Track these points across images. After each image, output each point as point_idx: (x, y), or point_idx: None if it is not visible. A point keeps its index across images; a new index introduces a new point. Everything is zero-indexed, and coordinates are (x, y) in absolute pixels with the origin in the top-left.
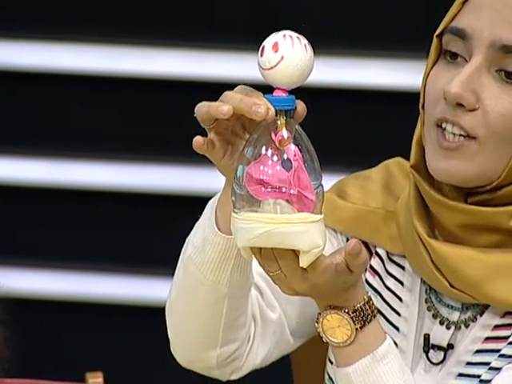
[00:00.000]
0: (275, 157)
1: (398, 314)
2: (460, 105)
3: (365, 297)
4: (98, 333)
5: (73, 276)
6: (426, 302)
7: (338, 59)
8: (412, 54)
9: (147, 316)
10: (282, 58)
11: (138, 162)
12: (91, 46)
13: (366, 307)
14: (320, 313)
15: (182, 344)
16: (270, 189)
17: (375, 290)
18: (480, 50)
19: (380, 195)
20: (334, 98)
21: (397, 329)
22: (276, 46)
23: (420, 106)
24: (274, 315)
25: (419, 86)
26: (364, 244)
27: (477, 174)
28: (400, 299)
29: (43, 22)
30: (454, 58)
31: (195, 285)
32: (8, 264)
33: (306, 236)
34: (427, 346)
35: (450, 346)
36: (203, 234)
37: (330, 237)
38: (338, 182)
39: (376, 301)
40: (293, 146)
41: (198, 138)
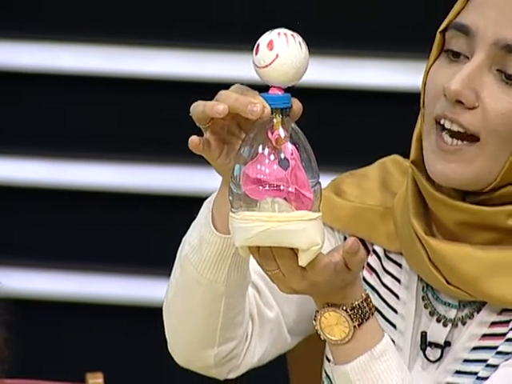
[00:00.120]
0: (272, 155)
1: (395, 311)
2: (459, 102)
3: (363, 294)
4: (98, 333)
5: (73, 276)
6: (423, 300)
7: (334, 59)
8: (409, 54)
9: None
10: (277, 56)
11: (136, 163)
12: (90, 47)
13: (363, 305)
14: (318, 310)
15: (179, 343)
16: (267, 187)
17: (372, 288)
18: (483, 48)
19: (377, 192)
20: (330, 98)
21: (394, 326)
22: (271, 44)
23: (421, 102)
24: (271, 314)
25: (416, 86)
26: (361, 241)
27: (476, 176)
28: (397, 296)
29: (42, 23)
30: (456, 56)
31: (192, 284)
32: (7, 264)
33: (305, 234)
34: (424, 343)
35: (447, 344)
36: (200, 234)
37: (328, 235)
38: (333, 181)
39: (373, 298)
40: (289, 145)
41: (194, 138)
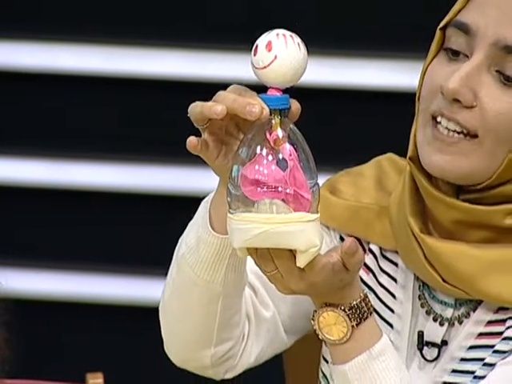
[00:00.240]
0: (270, 156)
1: (392, 310)
2: (457, 101)
3: (361, 294)
4: (98, 333)
5: (73, 276)
6: (420, 299)
7: (333, 59)
8: (407, 54)
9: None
10: (276, 58)
11: (136, 163)
12: (91, 47)
13: (362, 304)
14: (316, 310)
15: (176, 343)
16: (265, 188)
17: (369, 287)
18: (482, 48)
19: (373, 191)
20: (329, 98)
21: (391, 326)
22: (269, 45)
23: (416, 97)
24: (267, 313)
25: (415, 87)
26: (357, 240)
27: (472, 171)
28: (393, 296)
29: (43, 23)
30: (456, 55)
31: (189, 284)
32: (7, 264)
33: (303, 235)
34: (421, 343)
35: (444, 343)
36: (197, 234)
37: (323, 234)
38: (329, 179)
39: (370, 298)
40: (288, 146)
41: (192, 139)
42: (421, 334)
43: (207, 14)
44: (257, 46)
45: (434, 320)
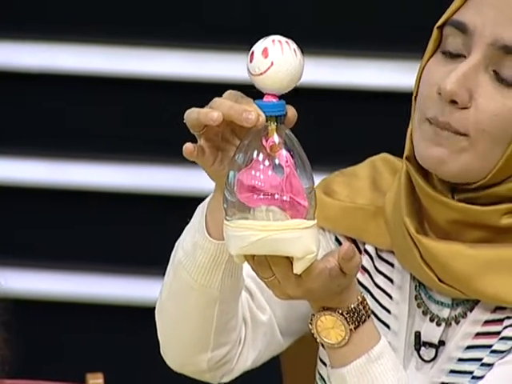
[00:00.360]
0: (266, 163)
1: (389, 311)
2: (453, 102)
3: (358, 297)
4: (97, 333)
5: (72, 276)
6: (416, 299)
7: (331, 59)
8: (406, 55)
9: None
10: (272, 64)
11: (136, 163)
12: (91, 47)
13: (359, 308)
14: (314, 314)
15: (172, 347)
16: (262, 195)
17: (365, 288)
18: (480, 48)
19: (368, 192)
20: (327, 98)
21: (387, 327)
22: (265, 52)
23: (413, 96)
24: (264, 317)
25: (412, 87)
26: (353, 241)
27: (460, 170)
28: (390, 297)
29: (43, 23)
30: (453, 54)
31: (186, 289)
32: (6, 264)
33: (300, 242)
34: (418, 343)
35: (442, 343)
36: (193, 239)
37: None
38: (323, 180)
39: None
40: (284, 152)
41: (188, 145)
42: (418, 335)
43: (206, 14)
44: (253, 53)
45: (431, 320)
